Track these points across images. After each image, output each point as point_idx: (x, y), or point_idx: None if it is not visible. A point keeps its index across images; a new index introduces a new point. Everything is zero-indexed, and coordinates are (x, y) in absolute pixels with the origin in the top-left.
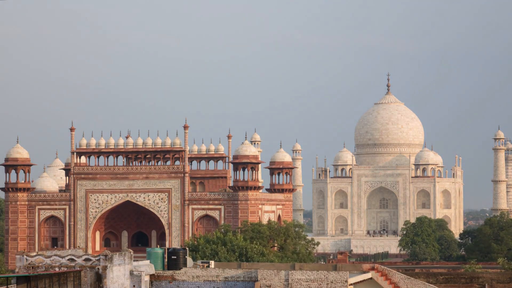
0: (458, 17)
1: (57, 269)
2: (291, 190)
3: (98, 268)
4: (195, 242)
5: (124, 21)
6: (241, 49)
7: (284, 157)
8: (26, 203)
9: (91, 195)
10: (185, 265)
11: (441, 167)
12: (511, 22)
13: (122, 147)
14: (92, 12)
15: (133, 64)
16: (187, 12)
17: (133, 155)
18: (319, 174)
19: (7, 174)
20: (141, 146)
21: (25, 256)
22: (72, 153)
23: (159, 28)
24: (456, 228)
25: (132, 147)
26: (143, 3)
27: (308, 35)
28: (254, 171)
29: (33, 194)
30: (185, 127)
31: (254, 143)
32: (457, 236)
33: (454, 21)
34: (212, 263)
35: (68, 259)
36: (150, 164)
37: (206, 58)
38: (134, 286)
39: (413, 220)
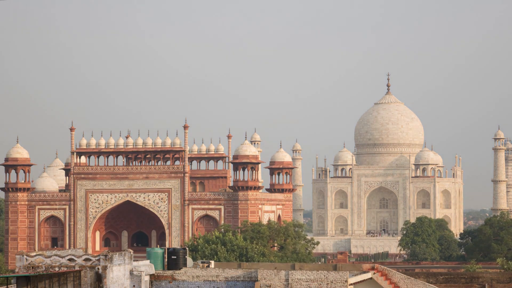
0: (458, 17)
1: (57, 269)
2: (291, 190)
3: (98, 268)
4: (195, 242)
5: (124, 21)
6: (241, 49)
7: (284, 157)
8: (26, 203)
9: (91, 195)
10: (185, 265)
11: (441, 167)
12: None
13: (122, 147)
14: (91, 12)
15: (133, 64)
16: (186, 12)
17: (133, 155)
18: (319, 174)
19: (7, 174)
20: (141, 146)
21: (25, 256)
22: (72, 153)
23: (158, 28)
24: (456, 228)
25: (132, 147)
26: (141, 3)
27: (308, 35)
28: (254, 171)
29: (33, 194)
30: (185, 127)
31: (254, 143)
32: (457, 236)
33: (454, 21)
34: (212, 263)
35: (68, 259)
36: (150, 164)
37: (206, 58)
38: (134, 286)
39: (413, 220)
